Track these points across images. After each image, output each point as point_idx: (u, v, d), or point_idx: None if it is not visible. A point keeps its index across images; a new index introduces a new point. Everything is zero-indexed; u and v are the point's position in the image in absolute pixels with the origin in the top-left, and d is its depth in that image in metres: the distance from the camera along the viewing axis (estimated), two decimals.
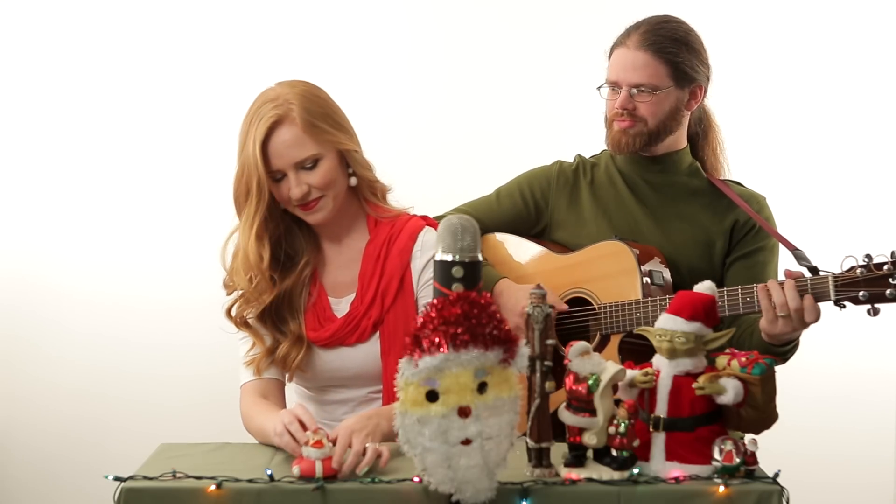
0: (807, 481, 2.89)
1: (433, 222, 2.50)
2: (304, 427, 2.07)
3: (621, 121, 2.54)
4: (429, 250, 2.40)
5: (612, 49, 2.58)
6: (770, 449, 2.09)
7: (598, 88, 2.59)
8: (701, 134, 2.67)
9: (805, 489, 2.43)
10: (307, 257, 2.43)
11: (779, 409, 1.95)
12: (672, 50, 2.52)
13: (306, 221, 2.42)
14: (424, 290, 2.41)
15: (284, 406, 2.43)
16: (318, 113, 2.36)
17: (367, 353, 2.41)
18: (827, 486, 3.48)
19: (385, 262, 2.41)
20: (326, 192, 2.36)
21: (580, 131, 2.71)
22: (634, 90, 2.51)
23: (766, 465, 1.93)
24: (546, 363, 1.88)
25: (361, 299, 2.41)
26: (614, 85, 2.55)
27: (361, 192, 2.45)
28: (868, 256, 2.19)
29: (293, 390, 2.58)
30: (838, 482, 3.51)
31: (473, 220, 1.96)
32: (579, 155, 2.74)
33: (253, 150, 2.31)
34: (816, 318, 2.26)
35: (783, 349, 2.36)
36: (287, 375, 2.45)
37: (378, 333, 2.40)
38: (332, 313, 2.43)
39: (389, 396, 2.29)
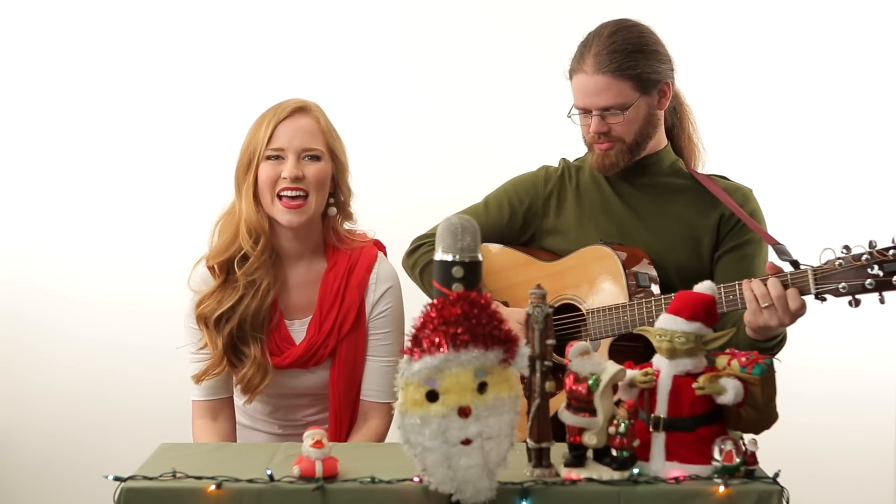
0: (807, 480, 2.90)
1: (383, 247, 2.65)
2: None
3: (600, 144, 2.55)
4: (383, 282, 2.56)
5: (571, 73, 2.57)
6: (770, 447, 2.09)
7: (569, 116, 2.59)
8: (676, 122, 2.68)
9: (805, 488, 2.44)
10: (269, 280, 2.50)
11: (779, 407, 1.95)
12: (629, 64, 2.50)
13: (279, 221, 2.48)
14: (376, 322, 2.55)
15: (234, 424, 2.57)
16: (331, 125, 2.55)
17: (321, 375, 2.54)
18: (827, 484, 3.48)
19: (345, 294, 2.52)
20: (314, 192, 2.47)
21: (564, 134, 2.71)
22: (605, 113, 2.51)
23: (767, 463, 1.93)
24: (546, 363, 1.88)
25: (319, 328, 2.52)
26: (583, 110, 2.55)
27: (332, 219, 2.56)
28: (846, 248, 2.17)
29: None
30: (838, 481, 3.52)
31: (473, 220, 1.97)
32: (564, 159, 2.74)
33: (267, 124, 2.47)
34: (801, 306, 2.24)
35: (768, 345, 2.35)
36: (247, 398, 2.53)
37: (330, 359, 2.52)
38: (289, 335, 2.53)
39: (336, 421, 2.52)
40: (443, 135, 3.60)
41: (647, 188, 2.61)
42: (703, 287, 2.01)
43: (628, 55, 2.50)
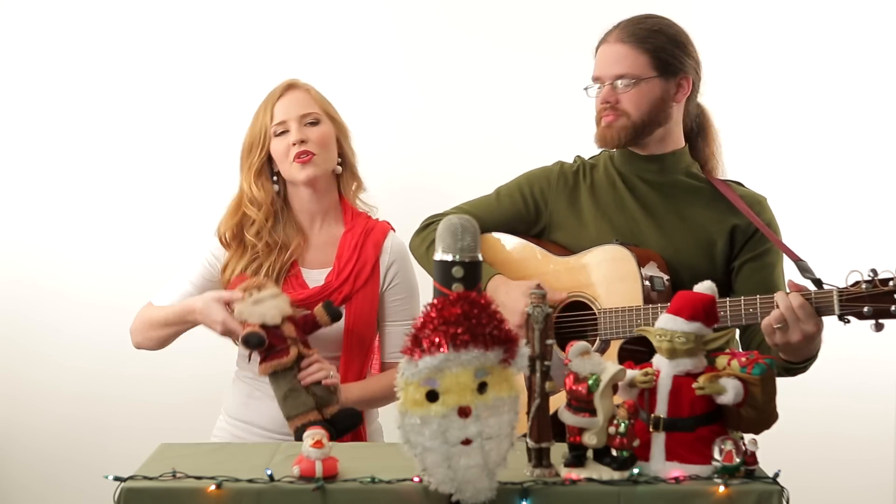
0: (807, 480, 2.89)
1: (393, 229, 2.81)
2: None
3: (606, 115, 2.55)
4: (397, 249, 2.76)
5: (596, 49, 2.60)
6: (770, 447, 2.09)
7: (586, 89, 2.59)
8: (699, 134, 2.66)
9: (805, 488, 2.43)
10: (293, 246, 2.71)
11: (779, 407, 1.95)
12: (651, 40, 2.53)
13: (297, 181, 2.70)
14: (392, 290, 2.75)
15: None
16: (323, 95, 2.78)
17: (333, 327, 2.62)
18: (827, 484, 3.48)
19: (361, 249, 2.72)
20: (320, 151, 2.69)
21: (581, 132, 2.70)
22: (617, 83, 2.52)
23: (767, 463, 1.93)
24: (546, 363, 1.88)
25: (338, 274, 2.69)
26: (597, 80, 2.56)
27: (342, 181, 2.78)
28: (873, 271, 2.15)
29: (249, 366, 2.68)
30: (838, 480, 3.51)
31: (473, 220, 1.97)
32: (579, 156, 2.74)
33: (265, 107, 2.72)
34: (802, 305, 2.20)
35: (799, 366, 2.34)
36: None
37: (344, 308, 2.65)
38: (304, 281, 2.70)
39: (347, 370, 2.66)
40: (458, 130, 3.59)
41: (662, 187, 2.60)
42: (703, 287, 2.01)
43: (652, 32, 2.54)
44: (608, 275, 2.51)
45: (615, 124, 2.54)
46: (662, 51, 2.53)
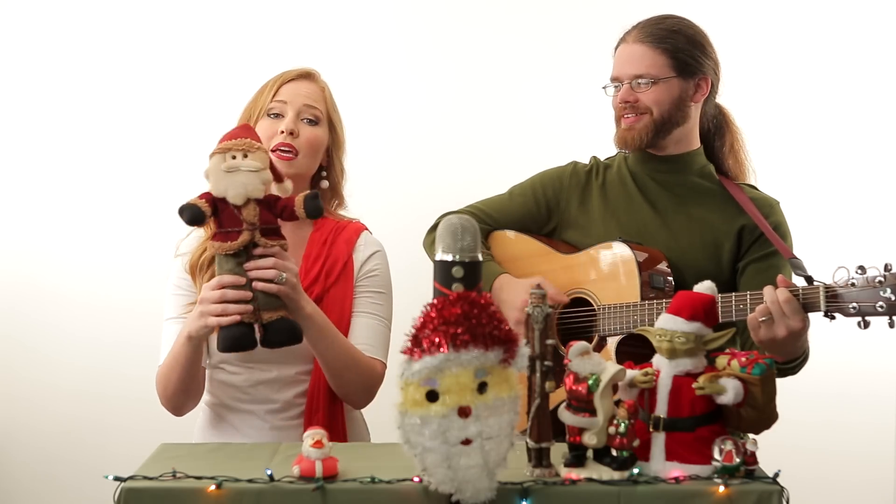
0: (807, 479, 2.89)
1: (366, 228, 2.62)
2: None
3: (626, 118, 2.55)
4: (372, 245, 2.57)
5: (615, 48, 2.61)
6: (770, 447, 2.09)
7: (604, 88, 2.60)
8: (716, 134, 2.66)
9: (805, 487, 2.43)
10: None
11: (779, 406, 1.95)
12: (670, 40, 2.54)
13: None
14: (365, 281, 2.54)
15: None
16: (334, 100, 2.59)
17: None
18: (827, 484, 3.48)
19: (332, 247, 2.53)
20: (305, 152, 2.49)
21: (594, 133, 2.71)
22: (635, 82, 2.52)
23: (767, 462, 1.92)
24: (546, 363, 1.88)
25: (306, 274, 2.48)
26: (616, 80, 2.57)
27: (323, 195, 2.54)
28: (861, 268, 2.15)
29: (213, 389, 2.59)
30: (838, 480, 3.52)
31: (473, 220, 1.97)
32: (595, 157, 2.75)
33: (272, 84, 2.53)
34: (788, 298, 2.21)
35: (789, 365, 2.34)
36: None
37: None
38: None
39: (319, 374, 2.44)
40: (472, 130, 3.59)
41: (673, 187, 2.60)
42: (703, 287, 2.01)
43: (672, 33, 2.55)
44: (608, 271, 2.52)
45: (637, 125, 2.54)
46: (681, 51, 2.54)
